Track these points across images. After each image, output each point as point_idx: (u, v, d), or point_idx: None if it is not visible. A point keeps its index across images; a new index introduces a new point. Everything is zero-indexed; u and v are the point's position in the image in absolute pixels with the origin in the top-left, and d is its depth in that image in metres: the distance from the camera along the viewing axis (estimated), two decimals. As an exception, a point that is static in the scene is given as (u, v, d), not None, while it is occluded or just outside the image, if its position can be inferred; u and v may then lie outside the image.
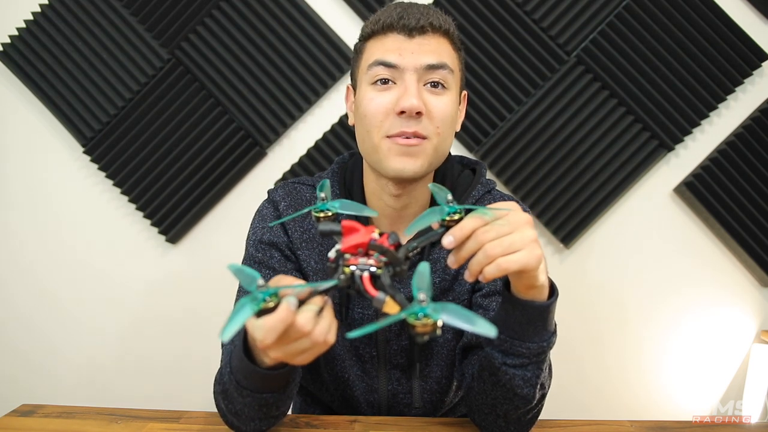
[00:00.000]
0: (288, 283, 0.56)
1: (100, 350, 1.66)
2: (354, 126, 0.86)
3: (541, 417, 0.80)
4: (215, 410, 0.79)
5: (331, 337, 0.57)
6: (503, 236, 0.58)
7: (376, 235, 0.57)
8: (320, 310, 0.56)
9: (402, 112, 0.77)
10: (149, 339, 1.65)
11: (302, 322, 0.54)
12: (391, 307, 0.49)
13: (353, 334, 0.48)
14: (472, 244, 0.59)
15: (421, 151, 0.79)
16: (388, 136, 0.78)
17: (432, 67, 0.78)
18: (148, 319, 1.65)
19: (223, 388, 0.73)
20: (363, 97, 0.80)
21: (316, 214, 0.63)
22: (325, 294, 0.56)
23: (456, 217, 0.59)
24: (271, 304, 0.52)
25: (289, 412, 0.92)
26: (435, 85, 0.79)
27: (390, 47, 0.78)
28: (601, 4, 1.51)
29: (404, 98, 0.76)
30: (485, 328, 0.45)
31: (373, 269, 0.54)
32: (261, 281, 0.52)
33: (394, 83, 0.79)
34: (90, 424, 0.82)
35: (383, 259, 0.55)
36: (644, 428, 0.84)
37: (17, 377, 1.67)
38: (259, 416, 0.72)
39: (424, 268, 0.49)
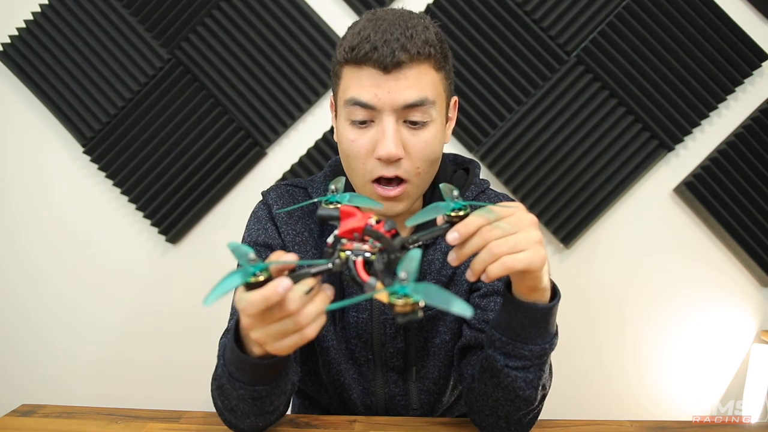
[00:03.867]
0: (287, 260, 0.56)
1: (100, 350, 1.66)
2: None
3: (541, 417, 0.80)
4: (215, 410, 0.79)
5: (313, 329, 0.56)
6: (508, 235, 0.58)
7: (372, 221, 0.57)
8: (309, 291, 0.55)
9: (380, 158, 0.75)
10: (149, 339, 1.65)
11: (288, 299, 0.53)
12: (381, 293, 0.48)
13: (331, 306, 0.48)
14: (477, 242, 0.58)
15: (404, 196, 0.79)
16: (372, 180, 0.78)
17: (411, 106, 0.74)
18: (148, 318, 1.65)
19: (218, 383, 0.73)
20: (343, 134, 0.78)
21: (326, 205, 0.63)
22: (318, 276, 0.56)
23: (461, 213, 0.59)
24: (261, 278, 0.53)
25: (288, 412, 0.92)
26: (415, 121, 0.75)
27: (365, 83, 0.73)
28: (601, 4, 1.51)
29: (381, 145, 0.74)
30: (461, 308, 0.45)
31: (367, 255, 0.54)
32: (252, 255, 0.53)
33: (372, 121, 0.76)
34: (90, 424, 0.82)
35: (378, 245, 0.55)
36: (644, 428, 0.84)
37: (17, 377, 1.67)
38: (254, 412, 0.71)
39: (415, 253, 0.49)
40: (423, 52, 0.73)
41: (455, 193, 0.61)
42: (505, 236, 0.58)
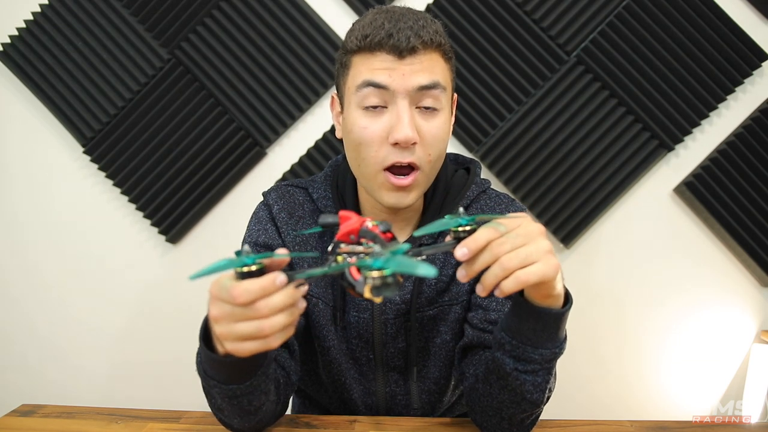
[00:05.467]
0: (280, 255, 0.56)
1: (100, 350, 1.66)
2: (342, 140, 0.84)
3: (541, 417, 0.80)
4: (213, 410, 0.79)
5: (277, 340, 0.54)
6: (519, 248, 0.57)
7: (369, 223, 0.58)
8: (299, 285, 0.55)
9: (396, 143, 0.75)
10: (149, 339, 1.65)
11: (259, 303, 0.52)
12: (353, 268, 0.50)
13: (301, 275, 0.51)
14: (487, 257, 0.57)
15: (415, 186, 0.79)
16: (384, 169, 0.77)
17: (424, 88, 0.75)
18: (148, 319, 1.65)
19: (202, 383, 0.73)
20: (354, 122, 0.77)
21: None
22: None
23: (468, 228, 0.58)
24: (254, 268, 0.53)
25: (288, 412, 0.92)
26: (427, 106, 0.76)
27: (379, 67, 0.74)
28: (601, 4, 1.51)
29: (398, 129, 0.74)
30: (426, 270, 0.45)
31: (361, 256, 0.55)
32: (247, 248, 0.54)
33: (385, 106, 0.76)
34: (90, 424, 0.82)
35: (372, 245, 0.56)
36: (644, 428, 0.84)
37: (17, 377, 1.67)
38: (236, 412, 0.70)
39: (402, 247, 0.51)
40: (435, 40, 0.75)
41: (460, 210, 0.61)
42: (515, 249, 0.57)
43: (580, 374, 1.63)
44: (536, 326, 0.66)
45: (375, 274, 0.47)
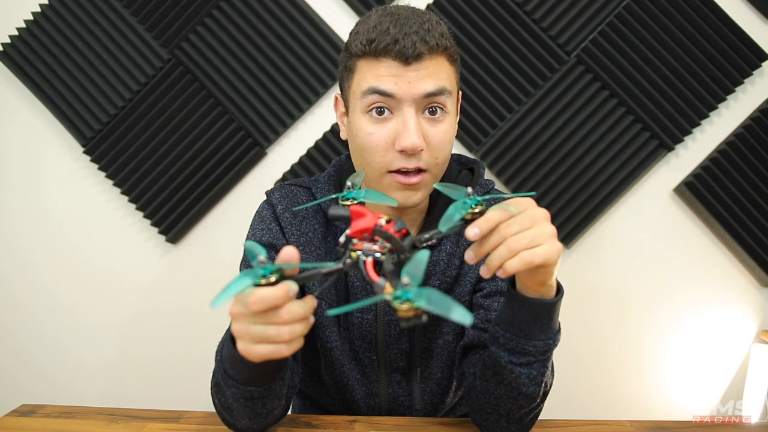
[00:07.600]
0: (296, 260, 0.55)
1: (100, 350, 1.66)
2: (347, 141, 0.83)
3: (541, 417, 0.80)
4: (214, 410, 0.79)
5: (290, 348, 0.55)
6: (525, 230, 0.58)
7: (382, 221, 0.57)
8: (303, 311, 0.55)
9: (402, 150, 0.75)
10: (149, 339, 1.65)
11: (284, 308, 0.53)
12: (387, 297, 0.48)
13: (332, 311, 0.49)
14: (495, 238, 0.58)
15: (422, 185, 0.79)
16: (389, 171, 0.77)
17: (431, 95, 0.75)
18: (147, 319, 1.65)
19: (215, 381, 0.73)
20: (359, 127, 0.77)
21: (343, 202, 0.64)
22: (329, 276, 0.56)
23: (476, 210, 0.59)
24: (272, 279, 0.53)
25: (289, 413, 0.92)
26: (433, 111, 0.76)
27: (384, 74, 0.74)
28: (601, 4, 1.51)
29: (404, 136, 0.74)
30: (461, 316, 0.45)
31: (377, 255, 0.55)
32: (263, 257, 0.53)
33: (391, 113, 0.75)
34: (90, 424, 0.82)
35: (387, 245, 0.55)
36: (644, 428, 0.84)
37: (17, 377, 1.67)
38: (247, 414, 0.71)
39: (422, 255, 0.49)
40: (440, 45, 0.75)
41: (469, 190, 0.61)
42: (522, 231, 0.58)
43: (580, 374, 1.63)
44: (529, 318, 0.67)
45: (405, 307, 0.46)
